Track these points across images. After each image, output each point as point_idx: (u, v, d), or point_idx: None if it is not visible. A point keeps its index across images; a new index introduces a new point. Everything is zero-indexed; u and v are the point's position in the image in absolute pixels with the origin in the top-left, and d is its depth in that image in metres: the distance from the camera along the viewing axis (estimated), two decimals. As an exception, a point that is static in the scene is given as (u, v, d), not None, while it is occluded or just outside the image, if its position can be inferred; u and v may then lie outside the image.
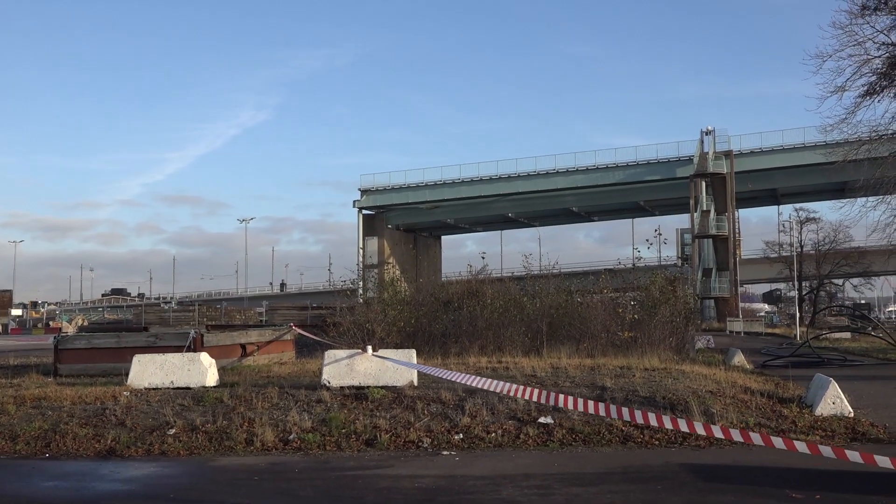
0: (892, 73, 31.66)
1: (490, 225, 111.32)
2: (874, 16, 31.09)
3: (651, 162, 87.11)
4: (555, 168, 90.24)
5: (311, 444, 11.67)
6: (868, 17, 31.27)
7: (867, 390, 17.46)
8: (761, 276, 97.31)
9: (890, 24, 31.16)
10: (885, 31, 31.56)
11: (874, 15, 31.04)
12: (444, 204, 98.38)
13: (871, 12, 30.86)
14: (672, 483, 9.17)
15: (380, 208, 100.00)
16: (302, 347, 25.96)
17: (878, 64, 32.14)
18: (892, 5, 29.85)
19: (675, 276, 30.70)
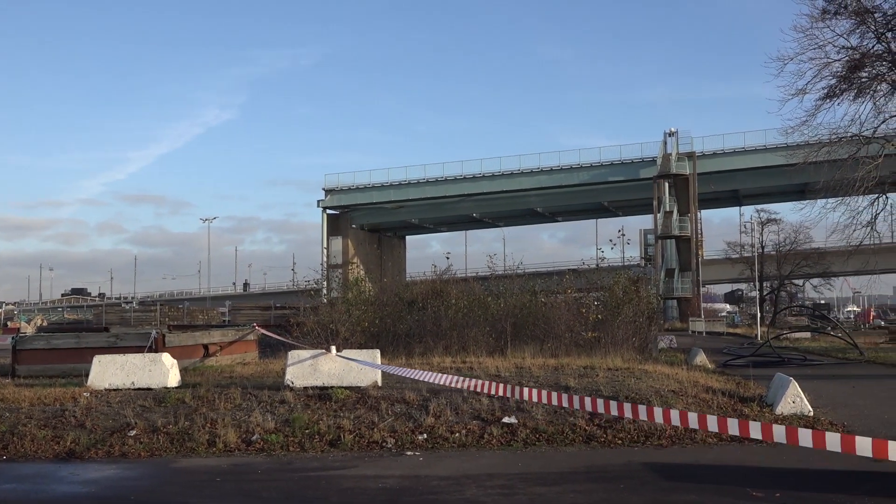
0: (851, 77, 32.10)
1: (455, 225, 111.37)
2: (834, 20, 31.54)
3: (615, 163, 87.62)
4: (519, 168, 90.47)
5: (275, 445, 11.60)
6: (828, 21, 31.70)
7: (826, 389, 17.68)
8: (723, 277, 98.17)
9: (849, 28, 31.61)
10: (845, 34, 32.02)
11: (834, 19, 31.48)
12: (409, 204, 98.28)
13: (832, 16, 31.29)
14: (635, 482, 9.22)
15: (344, 208, 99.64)
16: (265, 348, 25.80)
17: (838, 67, 32.59)
18: (851, 10, 30.28)
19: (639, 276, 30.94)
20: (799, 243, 79.74)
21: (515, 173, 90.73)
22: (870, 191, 35.58)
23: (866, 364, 27.38)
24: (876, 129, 34.98)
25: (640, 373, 16.72)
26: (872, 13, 30.23)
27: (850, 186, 34.74)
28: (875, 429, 12.60)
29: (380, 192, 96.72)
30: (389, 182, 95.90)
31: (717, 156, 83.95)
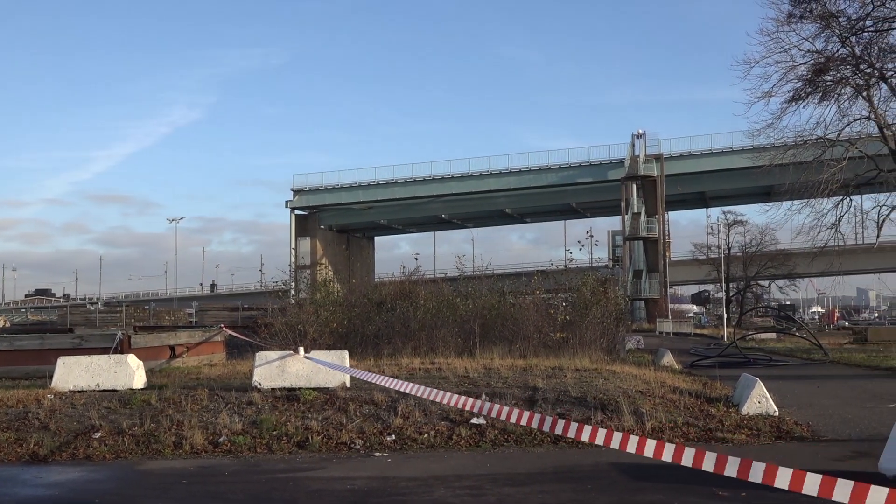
0: (816, 80, 32.47)
1: (423, 226, 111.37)
2: (800, 23, 31.90)
3: (583, 164, 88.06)
4: (488, 170, 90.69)
5: (242, 447, 11.52)
6: (794, 24, 32.06)
7: (792, 389, 17.85)
8: (690, 278, 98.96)
9: (815, 31, 31.99)
10: (810, 38, 32.39)
11: (800, 23, 31.84)
12: (378, 205, 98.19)
13: (797, 20, 31.64)
14: (603, 482, 9.25)
15: (313, 209, 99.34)
16: (233, 349, 25.64)
17: (804, 70, 32.96)
18: (816, 14, 30.61)
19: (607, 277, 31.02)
20: (765, 245, 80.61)
21: (484, 174, 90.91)
22: (834, 193, 36.02)
23: (831, 364, 27.67)
24: (840, 131, 35.43)
25: (608, 373, 16.78)
26: (837, 17, 30.61)
27: (815, 189, 35.16)
28: (838, 428, 12.75)
29: (348, 193, 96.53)
30: (358, 183, 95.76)
31: (685, 158, 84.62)
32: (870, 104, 34.94)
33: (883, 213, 37.19)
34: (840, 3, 30.41)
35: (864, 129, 36.64)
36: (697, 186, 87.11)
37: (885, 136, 35.53)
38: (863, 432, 12.32)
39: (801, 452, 10.88)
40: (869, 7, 29.31)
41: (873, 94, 34.68)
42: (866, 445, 10.91)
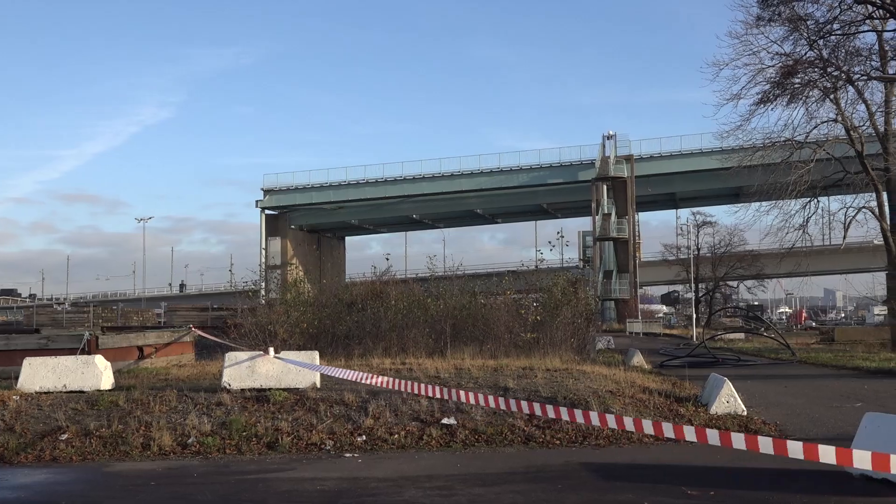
0: (784, 83, 32.81)
1: (394, 226, 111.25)
2: (768, 26, 32.25)
3: (554, 165, 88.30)
4: (459, 170, 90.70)
5: (211, 448, 11.45)
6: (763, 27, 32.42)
7: (759, 389, 18.02)
8: (660, 279, 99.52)
9: (783, 34, 32.35)
10: (779, 41, 32.76)
11: (768, 26, 32.19)
12: (349, 205, 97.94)
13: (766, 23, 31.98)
14: (573, 482, 9.28)
15: (283, 208, 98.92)
16: (202, 349, 25.45)
17: (772, 73, 33.34)
18: (785, 17, 30.92)
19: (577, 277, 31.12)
20: (733, 246, 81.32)
21: (455, 175, 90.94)
22: (802, 195, 36.43)
23: (798, 364, 27.95)
24: (808, 134, 35.86)
25: (579, 373, 16.82)
26: (805, 21, 30.94)
27: (783, 190, 35.54)
28: (805, 427, 12.88)
29: (319, 193, 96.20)
30: (329, 183, 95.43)
31: (655, 159, 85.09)
32: (837, 107, 35.39)
33: (849, 215, 37.68)
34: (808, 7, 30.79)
35: (831, 131, 37.11)
36: (667, 187, 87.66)
37: (851, 138, 35.99)
38: (830, 431, 12.45)
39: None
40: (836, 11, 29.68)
41: (840, 97, 35.15)
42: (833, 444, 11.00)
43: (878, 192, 36.17)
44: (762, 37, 33.02)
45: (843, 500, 8.01)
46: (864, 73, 32.74)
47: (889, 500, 8.27)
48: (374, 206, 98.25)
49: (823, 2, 30.26)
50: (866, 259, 72.74)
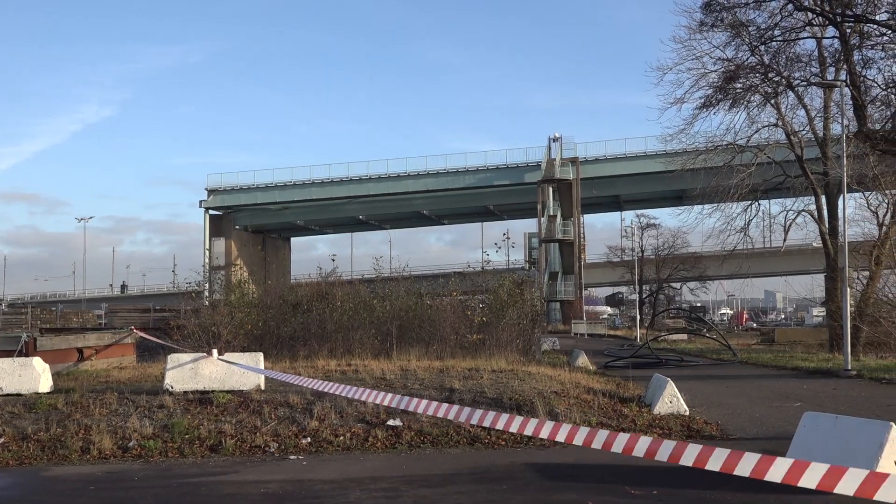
0: (726, 87, 33.30)
1: (341, 227, 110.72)
2: (711, 32, 32.69)
3: (500, 167, 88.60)
4: (406, 171, 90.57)
5: (153, 451, 11.29)
6: (706, 32, 32.86)
7: (702, 389, 18.26)
8: (604, 280, 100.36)
9: (725, 40, 32.81)
10: (721, 46, 33.22)
11: (711, 31, 32.63)
12: (294, 205, 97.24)
13: (709, 28, 32.41)
14: (518, 482, 9.31)
15: (228, 209, 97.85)
16: (144, 351, 25.11)
17: (715, 78, 33.82)
18: (727, 23, 31.36)
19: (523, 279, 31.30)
20: (677, 248, 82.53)
21: (402, 176, 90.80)
22: (743, 198, 37.01)
23: (739, 365, 28.40)
24: (749, 138, 36.47)
25: (524, 374, 16.91)
26: (747, 26, 31.41)
27: (725, 193, 36.10)
28: (746, 427, 13.08)
29: (264, 193, 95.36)
30: (274, 183, 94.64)
31: (600, 161, 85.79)
32: (778, 111, 36.04)
33: (789, 218, 38.39)
34: (750, 13, 31.25)
35: (772, 135, 37.79)
36: (612, 190, 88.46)
37: (791, 142, 36.67)
38: (769, 431, 12.67)
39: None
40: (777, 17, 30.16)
41: (781, 102, 35.81)
42: (773, 444, 11.19)
43: (818, 195, 36.88)
44: (705, 42, 33.51)
45: (782, 498, 8.13)
46: (803, 78, 33.36)
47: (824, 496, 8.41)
48: (320, 207, 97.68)
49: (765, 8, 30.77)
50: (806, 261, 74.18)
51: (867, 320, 32.23)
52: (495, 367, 18.26)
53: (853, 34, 28.49)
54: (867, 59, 28.94)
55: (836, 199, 36.70)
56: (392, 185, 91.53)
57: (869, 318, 32.45)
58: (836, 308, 32.33)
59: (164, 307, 41.39)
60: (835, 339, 33.32)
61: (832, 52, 33.23)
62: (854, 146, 29.74)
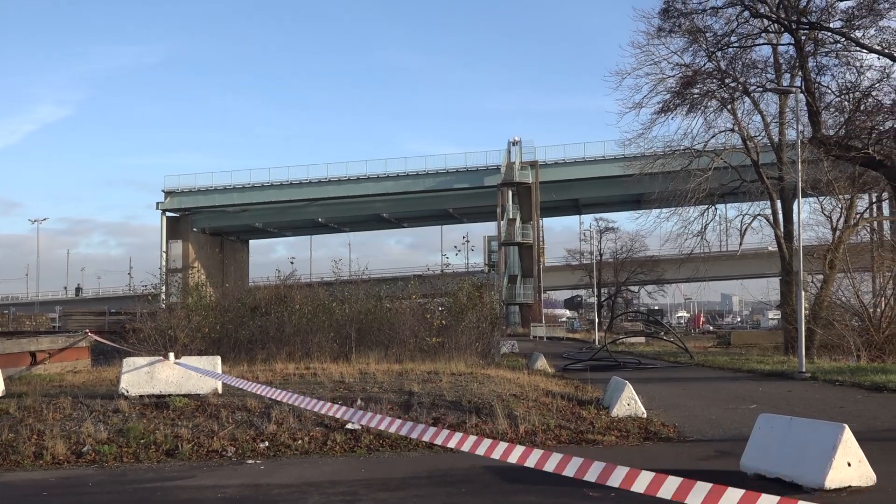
0: (684, 93, 33.64)
1: (300, 230, 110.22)
2: (669, 37, 33.03)
3: (460, 170, 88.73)
4: (365, 174, 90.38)
5: (107, 457, 11.13)
6: (664, 38, 33.19)
7: (659, 392, 18.39)
8: (563, 283, 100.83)
9: (683, 46, 33.16)
10: (679, 52, 33.58)
11: (669, 37, 32.96)
12: (253, 207, 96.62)
13: (667, 34, 32.74)
14: (477, 485, 9.31)
15: (185, 211, 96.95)
16: (99, 355, 24.80)
17: (672, 83, 34.15)
18: (685, 28, 31.67)
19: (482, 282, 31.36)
20: (635, 251, 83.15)
21: (362, 179, 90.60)
22: (700, 202, 37.43)
23: (696, 367, 28.65)
24: (706, 143, 36.90)
25: (483, 377, 16.92)
26: (704, 33, 31.75)
27: (683, 197, 36.47)
28: (703, 429, 13.19)
29: (222, 195, 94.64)
30: (233, 185, 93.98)
31: (559, 165, 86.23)
32: (734, 117, 36.52)
33: (745, 222, 38.88)
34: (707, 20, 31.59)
35: (728, 140, 38.27)
36: (571, 193, 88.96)
37: (747, 147, 37.17)
38: (725, 432, 12.78)
39: (668, 453, 11.20)
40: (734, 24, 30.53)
41: (737, 108, 36.29)
42: (729, 445, 11.30)
43: (773, 200, 37.42)
44: (663, 47, 33.85)
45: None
46: (759, 84, 33.79)
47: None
48: (279, 210, 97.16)
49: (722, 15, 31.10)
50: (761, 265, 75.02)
51: (821, 323, 32.68)
52: (454, 370, 18.26)
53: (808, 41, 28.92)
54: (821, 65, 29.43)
55: (791, 204, 37.26)
56: (352, 187, 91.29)
57: (823, 321, 32.90)
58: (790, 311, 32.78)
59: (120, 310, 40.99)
60: (790, 341, 33.77)
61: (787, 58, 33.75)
62: (809, 151, 30.17)
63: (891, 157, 24.39)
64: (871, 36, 27.27)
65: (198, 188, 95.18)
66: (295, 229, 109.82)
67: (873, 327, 31.02)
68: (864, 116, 25.59)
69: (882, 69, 27.85)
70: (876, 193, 37.19)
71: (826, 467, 8.35)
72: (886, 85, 27.00)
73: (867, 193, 36.79)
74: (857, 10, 27.22)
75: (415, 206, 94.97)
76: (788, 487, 8.43)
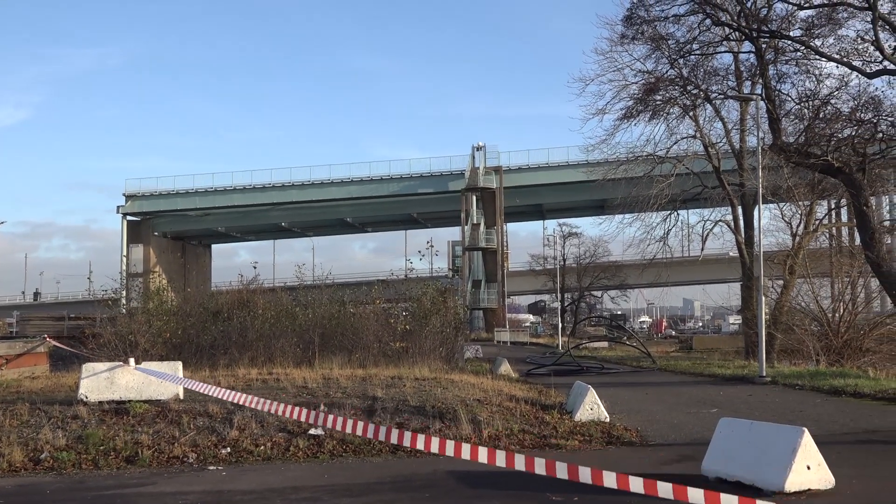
0: (647, 99, 33.90)
1: (263, 234, 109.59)
2: (632, 44, 33.26)
3: (424, 175, 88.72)
4: (329, 178, 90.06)
5: (66, 463, 10.98)
6: (627, 45, 33.43)
7: (622, 396, 18.51)
8: (527, 288, 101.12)
9: (646, 53, 33.41)
10: (642, 59, 33.83)
11: (632, 44, 33.19)
12: (215, 212, 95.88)
13: (630, 41, 32.96)
14: (440, 490, 9.30)
15: (146, 215, 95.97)
16: (57, 361, 24.50)
17: (635, 90, 34.41)
18: (647, 35, 31.91)
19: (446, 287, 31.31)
20: (598, 256, 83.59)
21: (325, 183, 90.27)
22: (663, 208, 37.74)
23: (658, 372, 28.88)
24: (669, 149, 37.21)
25: (447, 382, 16.92)
26: (666, 40, 31.99)
27: (645, 203, 36.76)
28: (665, 433, 13.28)
29: (184, 199, 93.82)
30: (195, 189, 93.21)
31: (523, 171, 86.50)
32: (696, 124, 36.88)
33: (707, 228, 39.25)
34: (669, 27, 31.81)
35: (690, 147, 38.63)
36: (535, 199, 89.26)
37: (709, 154, 37.54)
38: (687, 436, 12.88)
39: (630, 457, 11.26)
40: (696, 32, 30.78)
41: (699, 114, 36.66)
42: (690, 449, 11.39)
43: (734, 206, 37.83)
44: (626, 54, 34.09)
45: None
46: (721, 91, 34.12)
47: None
48: (241, 214, 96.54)
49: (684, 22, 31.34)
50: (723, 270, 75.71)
51: (781, 328, 33.05)
52: (418, 375, 18.25)
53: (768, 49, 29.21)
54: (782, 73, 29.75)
55: (751, 210, 37.64)
56: (316, 192, 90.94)
57: (783, 326, 33.28)
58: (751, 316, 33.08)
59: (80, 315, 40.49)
60: (750, 346, 34.10)
61: (748, 66, 34.12)
62: (769, 158, 30.52)
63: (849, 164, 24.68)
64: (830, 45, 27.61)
65: (159, 192, 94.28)
66: (258, 234, 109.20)
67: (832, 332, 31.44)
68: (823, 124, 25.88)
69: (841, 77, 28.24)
70: (835, 200, 37.75)
71: (786, 471, 8.44)
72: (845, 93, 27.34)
73: (826, 200, 37.33)
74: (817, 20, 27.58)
75: (379, 211, 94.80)
76: (749, 490, 8.50)
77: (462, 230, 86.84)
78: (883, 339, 32.54)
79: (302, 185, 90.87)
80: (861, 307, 34.34)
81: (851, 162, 24.84)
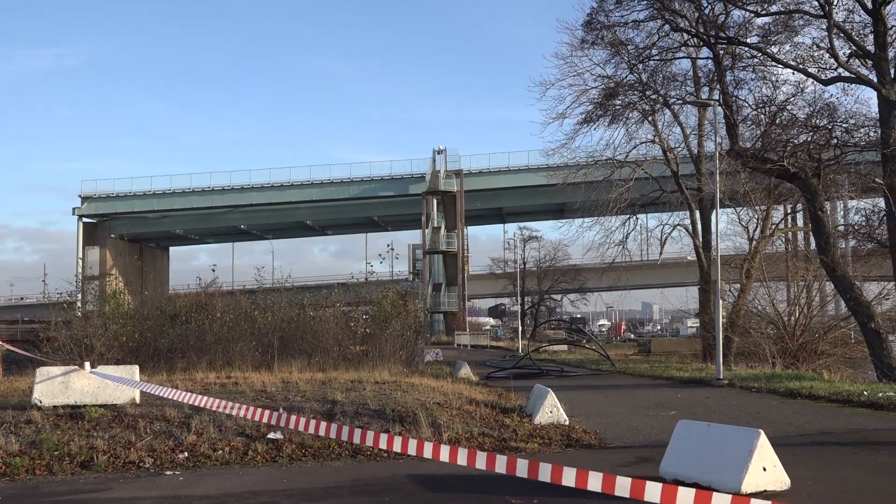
0: (606, 104, 34.17)
1: (222, 236, 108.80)
2: (592, 49, 33.53)
3: (385, 178, 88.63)
4: (289, 181, 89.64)
5: (19, 469, 10.79)
6: (587, 50, 33.69)
7: (582, 399, 18.58)
8: (487, 291, 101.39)
9: (606, 57, 33.69)
10: (602, 64, 34.10)
11: (592, 49, 33.46)
12: (173, 214, 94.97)
13: (590, 46, 33.22)
14: (400, 494, 9.27)
15: (103, 217, 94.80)
16: (11, 365, 24.07)
17: (595, 94, 34.67)
18: (607, 41, 32.16)
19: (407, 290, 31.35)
20: (558, 260, 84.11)
21: (286, 185, 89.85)
22: (622, 212, 38.01)
23: (617, 375, 29.03)
24: (628, 153, 37.53)
25: (407, 386, 16.89)
26: (626, 45, 32.28)
27: (605, 207, 37.03)
28: (623, 435, 13.36)
29: (142, 201, 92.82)
30: (152, 191, 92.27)
31: (484, 174, 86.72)
32: (655, 128, 37.23)
33: (666, 232, 39.65)
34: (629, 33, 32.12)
35: (649, 151, 38.99)
36: (495, 202, 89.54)
37: (668, 158, 37.91)
38: (646, 439, 12.97)
39: (589, 459, 11.30)
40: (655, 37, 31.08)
41: (658, 119, 37.01)
42: (649, 451, 11.46)
43: (692, 210, 38.23)
44: (586, 59, 34.36)
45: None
46: (679, 97, 34.49)
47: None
48: (200, 216, 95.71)
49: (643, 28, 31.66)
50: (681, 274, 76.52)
51: (738, 331, 33.44)
52: (378, 378, 18.20)
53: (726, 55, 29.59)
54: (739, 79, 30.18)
55: (709, 214, 38.09)
56: (275, 194, 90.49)
57: (740, 329, 33.67)
58: (709, 319, 33.45)
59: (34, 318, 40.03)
60: (708, 349, 34.48)
61: (706, 72, 34.53)
62: (727, 163, 30.86)
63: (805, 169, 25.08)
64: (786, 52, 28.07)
65: (116, 194, 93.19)
66: (217, 236, 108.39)
67: (788, 335, 31.88)
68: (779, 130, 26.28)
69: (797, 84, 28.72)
70: (791, 205, 38.29)
71: (742, 472, 8.52)
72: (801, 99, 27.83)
73: (782, 205, 37.85)
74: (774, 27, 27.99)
75: (339, 214, 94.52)
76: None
77: (423, 233, 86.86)
78: (837, 341, 33.09)
79: (262, 187, 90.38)
80: (816, 310, 34.89)
81: (807, 167, 25.23)
